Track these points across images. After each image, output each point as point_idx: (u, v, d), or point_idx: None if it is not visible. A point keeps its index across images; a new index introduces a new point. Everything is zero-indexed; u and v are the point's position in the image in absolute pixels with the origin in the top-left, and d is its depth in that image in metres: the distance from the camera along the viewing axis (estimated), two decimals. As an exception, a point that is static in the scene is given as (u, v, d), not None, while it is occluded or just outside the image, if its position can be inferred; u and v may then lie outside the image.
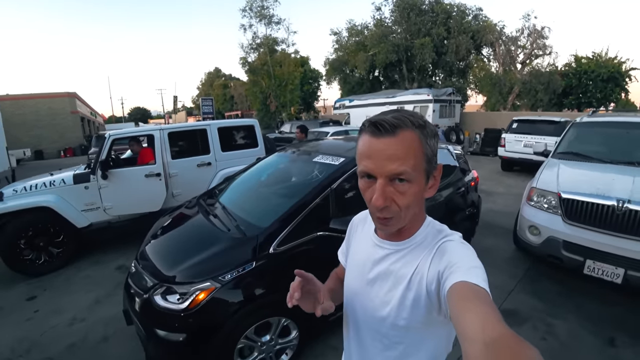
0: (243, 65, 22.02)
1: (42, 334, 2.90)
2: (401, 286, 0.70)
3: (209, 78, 46.32)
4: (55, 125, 21.11)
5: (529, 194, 3.55)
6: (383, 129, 0.63)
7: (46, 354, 2.65)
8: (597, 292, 3.11)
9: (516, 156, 8.66)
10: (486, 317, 0.49)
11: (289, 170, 2.90)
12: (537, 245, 3.29)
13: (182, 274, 1.94)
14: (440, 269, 0.64)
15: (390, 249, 0.75)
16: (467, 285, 0.57)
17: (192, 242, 2.27)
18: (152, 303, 1.93)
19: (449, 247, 0.68)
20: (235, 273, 1.87)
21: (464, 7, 19.51)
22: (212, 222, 2.42)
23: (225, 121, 6.46)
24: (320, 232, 2.12)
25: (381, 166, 0.63)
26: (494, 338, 0.45)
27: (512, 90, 17.38)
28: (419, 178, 0.65)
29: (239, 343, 1.91)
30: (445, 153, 3.49)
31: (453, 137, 12.79)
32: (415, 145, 0.64)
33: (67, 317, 3.14)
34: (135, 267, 2.33)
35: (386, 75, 22.34)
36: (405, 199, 0.65)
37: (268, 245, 1.99)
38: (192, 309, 1.80)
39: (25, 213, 4.12)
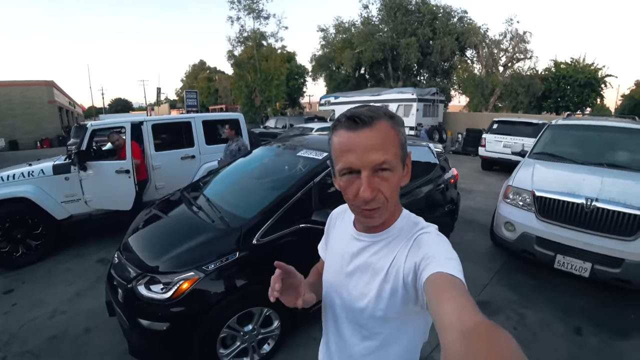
0: (229, 58, 21.70)
1: (20, 327, 2.84)
2: (379, 278, 0.72)
3: (193, 70, 45.43)
4: (31, 114, 20.18)
5: (505, 192, 3.71)
6: (361, 122, 0.64)
7: (26, 346, 2.61)
8: (567, 285, 3.30)
9: (496, 156, 8.95)
10: (463, 307, 0.50)
11: (274, 164, 2.95)
12: (512, 240, 3.46)
13: (166, 264, 1.96)
14: (416, 261, 0.65)
15: (367, 241, 0.76)
16: (443, 276, 0.58)
17: (176, 233, 2.28)
18: (136, 293, 1.94)
19: (425, 239, 0.70)
20: (218, 263, 1.91)
21: (449, 9, 19.87)
22: (196, 213, 2.44)
23: (210, 114, 6.40)
24: (303, 224, 2.18)
25: (364, 158, 0.63)
26: (471, 327, 0.46)
27: (493, 92, 17.89)
28: (397, 166, 0.67)
29: (221, 332, 1.95)
30: (426, 151, 3.61)
31: (436, 136, 13.06)
32: (391, 134, 0.66)
33: (48, 310, 3.09)
34: (118, 258, 2.33)
35: (372, 74, 22.51)
36: (389, 187, 0.66)
37: (251, 237, 2.04)
38: (176, 299, 1.83)
39: (2, 204, 4.00)
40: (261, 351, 2.19)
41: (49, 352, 2.53)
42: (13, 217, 4.04)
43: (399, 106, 13.62)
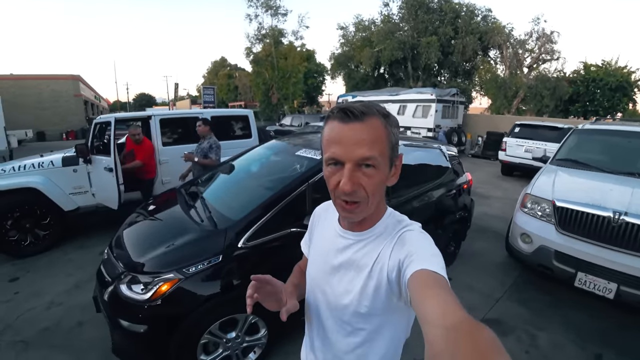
0: (247, 55, 21.82)
1: (17, 317, 2.86)
2: (363, 275, 0.72)
3: (214, 67, 46.05)
4: (58, 107, 21.02)
5: (523, 200, 3.45)
6: (352, 115, 0.64)
7: (20, 336, 2.62)
8: (587, 305, 3.01)
9: (516, 161, 8.52)
10: (446, 303, 0.51)
11: (271, 163, 2.82)
12: (528, 253, 3.19)
13: (149, 264, 1.87)
14: (400, 258, 0.66)
15: (352, 239, 0.76)
16: (427, 273, 0.59)
17: (164, 231, 2.20)
18: (118, 292, 1.86)
19: (409, 237, 0.70)
20: (200, 266, 1.80)
21: (473, 7, 19.19)
22: (188, 212, 2.34)
23: (219, 110, 6.36)
24: (294, 229, 2.03)
25: (350, 151, 0.63)
26: (454, 323, 0.47)
27: (517, 94, 17.12)
28: (384, 164, 0.67)
29: (202, 338, 1.85)
30: (437, 153, 3.39)
31: (454, 139, 12.62)
32: (381, 132, 0.65)
33: (45, 301, 3.10)
34: (107, 254, 2.27)
35: (391, 73, 22.10)
36: (372, 184, 0.66)
37: (237, 240, 1.91)
38: (154, 300, 1.74)
39: (11, 193, 4.07)
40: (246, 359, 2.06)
41: (39, 343, 2.54)
42: (22, 206, 4.11)
43: (417, 107, 13.25)
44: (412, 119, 13.42)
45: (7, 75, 20.43)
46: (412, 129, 13.37)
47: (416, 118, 13.32)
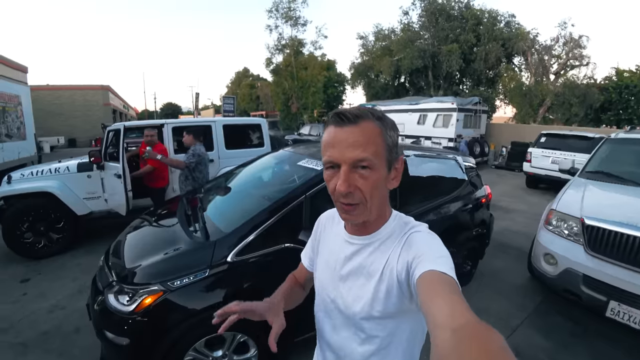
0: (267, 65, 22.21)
1: (21, 319, 2.89)
2: (374, 280, 0.71)
3: (237, 77, 47.25)
4: (89, 115, 22.20)
5: (547, 217, 3.16)
6: (346, 119, 0.66)
7: (20, 338, 2.65)
8: (621, 339, 2.65)
9: (542, 173, 8.03)
10: (454, 305, 0.51)
11: (272, 173, 2.71)
12: (553, 276, 2.90)
13: (136, 275, 1.80)
14: (409, 259, 0.66)
15: (359, 243, 0.76)
16: (435, 273, 0.59)
17: (158, 241, 2.13)
18: (106, 301, 1.80)
19: (416, 238, 0.70)
20: (186, 280, 1.70)
21: (495, 14, 18.59)
22: (185, 222, 2.27)
23: (231, 119, 6.39)
24: (289, 244, 1.90)
25: (344, 153, 0.65)
26: (462, 324, 0.46)
27: (543, 103, 16.32)
28: (380, 165, 0.67)
29: (186, 355, 1.74)
30: (453, 165, 3.18)
31: (477, 149, 12.14)
32: (376, 134, 0.66)
33: (49, 304, 3.13)
34: (102, 262, 2.22)
35: (412, 82, 21.77)
36: (368, 185, 0.66)
37: (226, 253, 1.80)
38: (137, 313, 1.66)
39: (29, 197, 4.19)
40: (234, 380, 1.93)
41: (37, 346, 2.55)
42: (38, 210, 4.22)
43: (438, 116, 12.90)
44: (433, 129, 13.08)
45: (43, 85, 21.84)
46: (433, 138, 13.02)
47: (437, 128, 12.97)
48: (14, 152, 7.44)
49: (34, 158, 8.40)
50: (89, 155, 4.32)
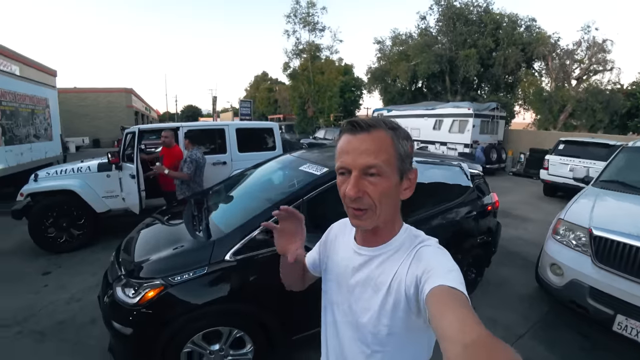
0: (284, 69, 22.51)
1: (41, 309, 3.10)
2: (381, 292, 0.71)
3: (256, 81, 48.08)
4: (112, 117, 23.17)
5: (555, 226, 3.10)
6: (359, 127, 0.68)
7: (39, 326, 2.84)
8: (630, 355, 2.56)
9: (560, 181, 7.78)
10: (465, 320, 0.50)
11: (275, 177, 2.79)
12: (559, 287, 2.84)
13: (142, 270, 1.93)
14: (418, 274, 0.65)
15: (368, 254, 0.76)
16: (445, 288, 0.58)
17: (164, 239, 2.25)
18: (114, 294, 1.92)
19: (426, 252, 0.70)
20: (185, 276, 1.80)
21: (515, 18, 18.11)
22: (190, 221, 2.39)
23: (244, 123, 6.54)
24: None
25: (355, 159, 0.67)
26: (473, 339, 0.46)
27: (564, 109, 15.77)
28: (391, 174, 0.68)
29: (185, 347, 1.84)
30: (457, 171, 3.17)
31: (493, 156, 11.87)
32: (388, 143, 0.68)
33: (67, 296, 3.33)
34: (113, 257, 2.36)
35: (429, 87, 21.54)
36: (378, 191, 0.67)
37: (224, 253, 1.89)
38: (141, 305, 1.78)
39: (53, 194, 4.46)
40: (231, 375, 2.02)
41: (54, 335, 2.73)
42: (62, 207, 4.48)
43: (454, 122, 12.72)
44: (448, 134, 12.91)
45: (71, 88, 22.99)
46: (448, 144, 12.86)
47: (452, 133, 12.79)
48: (42, 152, 7.89)
49: (59, 157, 8.87)
50: (108, 156, 4.54)
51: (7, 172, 6.34)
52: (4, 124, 6.40)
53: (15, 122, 6.79)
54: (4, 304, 3.14)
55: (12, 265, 4.06)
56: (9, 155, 6.48)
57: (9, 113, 6.59)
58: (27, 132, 7.30)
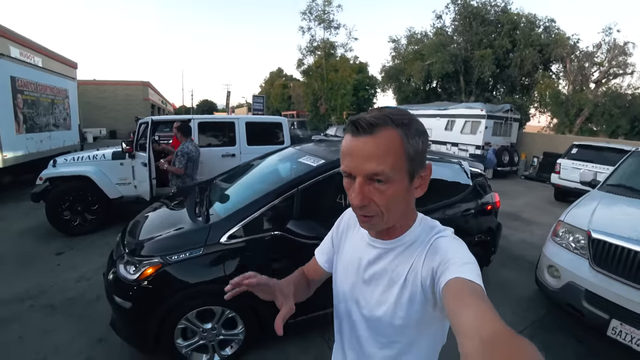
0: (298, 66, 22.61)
1: (52, 285, 3.30)
2: (397, 285, 0.70)
3: (271, 77, 48.38)
4: (129, 109, 23.82)
5: (555, 228, 3.09)
6: (361, 128, 0.62)
7: (51, 301, 3.04)
8: (623, 357, 2.53)
9: (572, 185, 7.61)
10: (483, 313, 0.49)
11: (275, 168, 2.88)
12: (555, 289, 2.83)
13: (143, 248, 2.05)
14: (434, 266, 0.64)
15: (383, 247, 0.74)
16: (461, 281, 0.57)
17: (165, 222, 2.37)
18: (117, 270, 2.05)
19: (441, 244, 0.68)
20: (182, 255, 1.91)
21: (533, 18, 17.62)
22: (191, 207, 2.49)
23: (254, 117, 6.66)
24: (278, 232, 2.06)
25: (358, 165, 0.62)
26: (491, 334, 0.45)
27: (581, 113, 15.31)
28: (399, 178, 0.63)
29: (179, 323, 1.95)
30: (457, 169, 3.18)
31: (505, 158, 11.67)
32: (395, 145, 0.62)
33: (77, 275, 3.52)
34: (119, 238, 2.50)
35: (443, 87, 21.26)
36: (384, 199, 0.63)
37: (219, 236, 1.99)
38: (140, 281, 1.89)
39: (70, 179, 4.68)
40: (222, 352, 2.12)
41: (63, 309, 2.92)
42: (78, 192, 4.69)
43: (466, 122, 12.53)
44: (460, 135, 12.74)
45: (90, 80, 23.75)
46: (460, 145, 12.69)
47: (464, 134, 12.61)
48: (60, 141, 8.21)
49: (77, 147, 9.22)
50: (122, 145, 4.73)
51: (27, 158, 6.64)
52: (26, 113, 6.70)
53: (36, 111, 7.10)
54: (20, 281, 3.35)
55: (29, 245, 4.29)
56: (30, 142, 6.78)
57: (31, 102, 6.90)
58: (47, 121, 7.62)
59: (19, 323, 2.69)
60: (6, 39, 9.43)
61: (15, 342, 2.46)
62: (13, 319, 2.74)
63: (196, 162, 4.15)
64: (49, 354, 2.35)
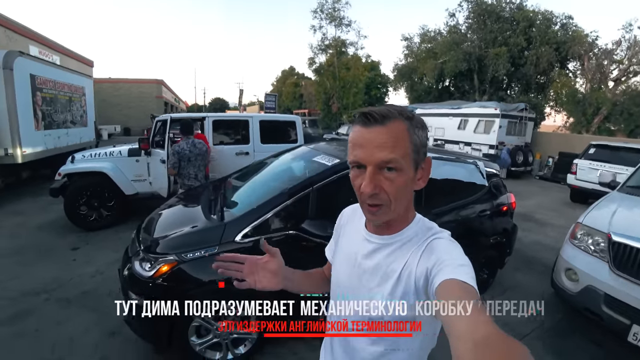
0: (310, 65, 22.59)
1: (69, 279, 3.38)
2: (391, 281, 0.71)
3: (283, 76, 48.43)
4: (143, 107, 24.24)
5: (573, 230, 3.01)
6: (373, 119, 0.65)
7: (66, 294, 3.12)
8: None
9: (589, 186, 7.40)
10: (476, 316, 0.49)
11: (289, 167, 2.88)
12: (574, 293, 2.75)
13: (159, 246, 2.07)
14: (428, 266, 0.65)
15: (379, 243, 0.75)
16: (455, 282, 0.57)
17: (181, 219, 2.39)
18: (132, 267, 2.07)
19: (437, 245, 0.69)
20: (197, 253, 1.92)
21: (550, 15, 17.18)
22: (206, 204, 2.51)
23: (268, 115, 6.67)
24: (293, 231, 2.05)
25: (371, 154, 0.64)
26: (484, 336, 0.45)
27: (598, 111, 14.86)
28: (407, 167, 0.66)
29: (194, 321, 1.95)
30: (472, 169, 3.13)
31: (519, 158, 11.43)
32: (404, 135, 0.65)
33: (92, 270, 3.60)
34: (134, 234, 2.53)
35: (456, 86, 20.94)
36: (394, 187, 0.65)
37: (234, 234, 2.00)
38: (155, 278, 1.91)
39: (87, 175, 4.78)
40: (236, 351, 2.13)
41: (78, 302, 2.99)
42: (95, 188, 4.79)
43: (480, 122, 12.32)
44: (473, 135, 12.53)
45: (106, 78, 24.23)
46: (473, 145, 12.48)
47: (477, 134, 12.40)
48: (77, 137, 8.39)
49: (92, 143, 9.40)
50: (139, 142, 4.80)
51: (45, 154, 6.81)
52: (44, 110, 6.86)
53: (54, 108, 7.27)
54: (38, 274, 3.44)
55: (47, 239, 4.41)
56: (48, 138, 6.95)
57: (49, 100, 7.06)
58: (64, 118, 7.79)
59: (35, 316, 2.76)
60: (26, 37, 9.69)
61: (32, 334, 2.53)
62: (30, 311, 2.81)
63: (193, 160, 3.93)
64: (63, 348, 2.39)
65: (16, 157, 5.93)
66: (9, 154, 5.87)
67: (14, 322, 2.67)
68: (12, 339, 2.47)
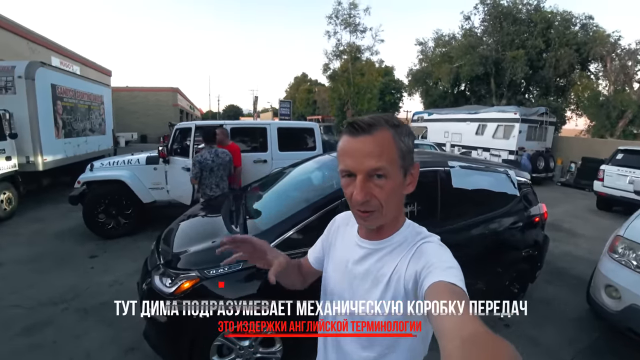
0: (324, 71, 22.66)
1: (87, 288, 3.36)
2: (380, 285, 0.72)
3: (296, 82, 48.78)
4: (160, 114, 24.77)
5: (613, 244, 2.81)
6: (360, 129, 0.67)
7: (84, 305, 3.08)
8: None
9: (617, 194, 7.05)
10: (463, 315, 0.51)
11: (313, 177, 2.77)
12: (615, 312, 2.56)
13: (180, 261, 2.00)
14: (417, 269, 0.66)
15: (370, 248, 0.77)
16: (444, 284, 0.59)
17: (202, 232, 2.33)
18: (152, 281, 2.01)
19: (427, 248, 0.71)
20: (221, 270, 1.84)
21: (569, 16, 16.71)
22: (228, 216, 2.44)
23: (286, 122, 6.60)
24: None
25: (360, 163, 0.66)
26: (471, 334, 0.46)
27: (623, 115, 14.26)
28: (395, 173, 0.68)
29: (215, 340, 1.87)
30: (503, 179, 2.97)
31: (540, 164, 11.04)
32: (390, 143, 0.67)
33: (110, 279, 3.57)
34: (153, 247, 2.48)
35: (472, 90, 20.57)
36: (384, 193, 0.67)
37: None
38: (176, 295, 1.84)
39: (106, 183, 4.82)
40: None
41: (95, 313, 2.94)
42: (113, 196, 4.81)
43: (499, 127, 12.00)
44: (492, 140, 12.21)
45: (123, 87, 24.90)
46: (492, 150, 12.17)
47: (496, 139, 12.08)
48: (95, 145, 8.57)
49: (110, 151, 9.59)
50: (159, 150, 4.81)
51: (65, 162, 6.95)
52: (64, 118, 7.02)
53: (74, 117, 7.44)
54: (56, 283, 3.43)
55: (65, 247, 4.43)
56: (67, 146, 7.10)
57: (69, 108, 7.23)
58: (83, 127, 7.97)
59: (53, 327, 2.73)
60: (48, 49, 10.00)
61: (49, 346, 2.50)
62: (48, 322, 2.78)
63: (215, 170, 3.86)
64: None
65: (37, 165, 6.05)
66: (30, 161, 6.00)
67: (32, 333, 2.64)
68: (29, 351, 2.44)
